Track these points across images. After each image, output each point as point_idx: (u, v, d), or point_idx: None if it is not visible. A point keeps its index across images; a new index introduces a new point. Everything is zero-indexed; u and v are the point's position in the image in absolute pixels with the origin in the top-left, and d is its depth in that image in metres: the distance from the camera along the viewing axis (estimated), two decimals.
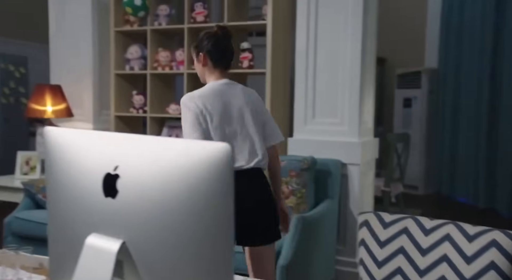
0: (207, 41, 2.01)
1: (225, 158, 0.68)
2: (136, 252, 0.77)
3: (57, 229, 0.90)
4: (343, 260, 2.99)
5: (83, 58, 3.80)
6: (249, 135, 1.98)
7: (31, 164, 3.61)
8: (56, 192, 0.89)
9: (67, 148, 0.88)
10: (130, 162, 0.78)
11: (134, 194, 0.77)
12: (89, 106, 3.80)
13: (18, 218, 3.00)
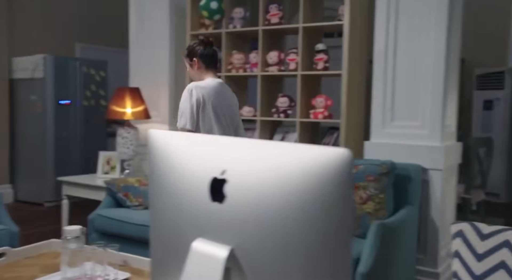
0: (198, 48, 2.52)
1: (346, 163, 0.64)
2: (244, 260, 0.75)
3: (160, 233, 0.90)
4: (424, 270, 2.85)
5: (160, 61, 3.92)
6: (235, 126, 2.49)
7: (111, 164, 3.77)
8: (160, 195, 0.90)
9: (171, 151, 0.88)
10: (239, 167, 0.77)
11: (243, 199, 0.75)
12: (165, 108, 3.91)
13: (100, 215, 3.14)
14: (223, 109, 2.39)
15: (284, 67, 3.48)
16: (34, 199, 5.30)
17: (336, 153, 0.65)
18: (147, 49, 3.98)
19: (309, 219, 0.67)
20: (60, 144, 5.35)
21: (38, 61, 5.21)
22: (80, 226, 2.17)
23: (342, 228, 0.65)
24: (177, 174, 0.85)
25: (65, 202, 3.72)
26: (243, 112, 3.64)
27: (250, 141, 0.77)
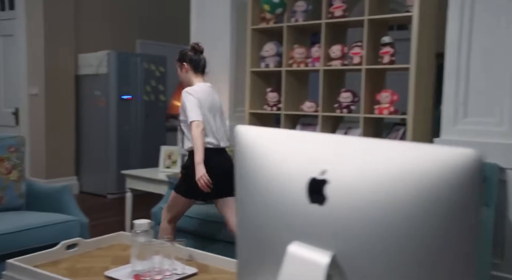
0: (189, 54, 2.89)
1: (474, 166, 0.57)
2: (348, 267, 0.70)
3: (250, 233, 0.87)
4: (501, 276, 2.68)
5: (220, 56, 3.92)
6: (224, 125, 2.91)
7: (172, 158, 3.82)
8: (249, 195, 0.86)
9: (263, 149, 0.84)
10: (342, 166, 0.71)
11: (346, 202, 0.70)
12: (225, 103, 3.91)
13: (163, 209, 3.18)
14: (213, 110, 2.81)
15: (347, 61, 3.38)
16: (98, 191, 5.50)
17: (462, 154, 0.58)
18: (207, 45, 3.98)
19: (424, 226, 0.61)
20: (122, 138, 5.52)
21: (102, 57, 5.38)
22: (149, 220, 2.20)
23: (465, 238, 0.59)
24: (270, 173, 0.81)
25: (128, 195, 3.81)
26: (304, 107, 3.57)
27: (354, 138, 0.72)
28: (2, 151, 2.99)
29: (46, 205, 3.05)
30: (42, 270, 1.97)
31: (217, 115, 2.84)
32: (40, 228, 2.67)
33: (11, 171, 3.01)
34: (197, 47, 2.93)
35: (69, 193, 3.03)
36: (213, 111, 2.80)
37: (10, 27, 5.45)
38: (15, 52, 5.43)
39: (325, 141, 0.75)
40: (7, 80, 5.59)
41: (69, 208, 2.97)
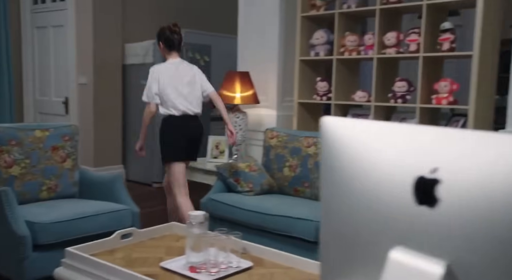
0: (163, 33, 3.28)
1: None
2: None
3: (338, 234, 0.80)
4: None
5: (269, 45, 3.84)
6: (195, 94, 3.30)
7: (220, 148, 3.80)
8: (339, 193, 0.79)
9: (356, 143, 0.77)
10: (457, 164, 0.63)
11: (463, 205, 0.61)
12: (273, 92, 3.84)
13: (212, 200, 3.17)
14: (177, 83, 3.21)
15: (403, 48, 3.23)
16: (143, 180, 5.57)
17: None
18: (256, 33, 3.92)
19: None
20: None
21: (148, 46, 5.41)
22: (204, 212, 2.17)
23: None
24: (365, 171, 0.74)
25: None
26: (355, 97, 3.45)
27: (467, 132, 0.63)
28: (57, 139, 3.04)
29: (98, 193, 3.08)
30: (99, 259, 1.98)
31: (184, 88, 3.25)
32: (94, 216, 2.70)
33: (66, 160, 3.06)
34: (172, 27, 3.30)
35: (120, 182, 3.05)
36: (176, 84, 3.21)
37: (61, 18, 5.56)
38: (65, 42, 5.54)
39: (433, 134, 0.67)
40: (57, 70, 5.72)
41: (120, 197, 2.99)
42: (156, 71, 3.22)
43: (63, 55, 5.59)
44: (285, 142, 3.34)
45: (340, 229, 0.80)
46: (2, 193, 2.48)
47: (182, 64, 3.31)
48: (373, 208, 0.73)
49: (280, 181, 3.31)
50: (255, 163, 3.36)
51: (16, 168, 2.82)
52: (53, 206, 2.74)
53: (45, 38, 5.79)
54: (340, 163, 0.80)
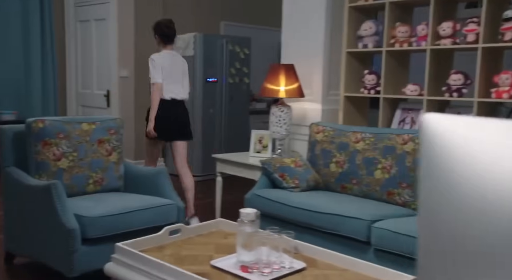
0: (158, 28, 3.76)
1: None
2: None
3: (442, 242, 0.71)
4: None
5: (314, 37, 3.73)
6: (184, 82, 3.78)
7: (263, 143, 3.72)
8: (443, 196, 0.70)
9: (465, 143, 0.67)
10: None
11: None
12: (318, 86, 3.73)
13: (257, 195, 3.10)
14: (173, 72, 3.70)
15: (459, 39, 3.05)
16: None
17: None
18: (301, 25, 3.81)
19: None
20: (207, 121, 5.52)
21: (189, 39, 5.38)
22: (255, 210, 2.10)
23: None
24: (479, 175, 0.64)
25: (218, 180, 3.78)
26: (406, 90, 3.30)
27: None
28: (103, 133, 3.03)
29: (143, 187, 3.07)
30: (149, 256, 1.94)
31: (178, 76, 3.72)
32: (141, 211, 2.68)
33: (111, 153, 3.06)
34: (167, 23, 3.76)
35: (165, 177, 3.03)
36: (172, 73, 3.69)
37: (103, 11, 5.60)
38: (107, 36, 5.58)
39: None
40: (99, 63, 5.77)
41: (165, 192, 2.97)
42: (158, 58, 3.68)
43: (105, 48, 5.63)
44: (332, 137, 3.23)
45: (445, 238, 0.71)
46: (52, 186, 2.48)
47: (176, 56, 3.80)
48: (489, 216, 0.63)
49: (326, 177, 3.21)
50: (301, 159, 3.27)
51: (64, 161, 2.83)
52: (100, 200, 2.74)
53: (88, 32, 5.85)
54: (447, 166, 0.70)
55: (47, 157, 2.78)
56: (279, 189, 3.15)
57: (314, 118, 3.71)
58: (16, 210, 2.79)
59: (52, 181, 2.52)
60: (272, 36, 6.86)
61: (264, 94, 3.63)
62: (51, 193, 2.48)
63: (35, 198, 2.61)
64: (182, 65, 3.79)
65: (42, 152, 2.77)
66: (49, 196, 2.48)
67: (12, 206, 2.83)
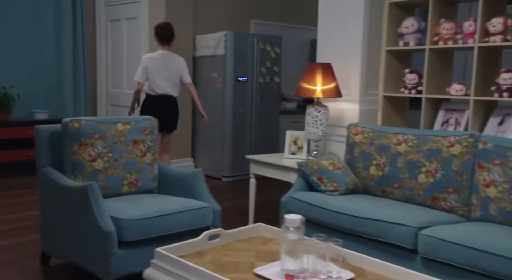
0: (156, 29, 4.17)
1: None
2: None
3: None
4: None
5: (352, 35, 3.61)
6: (175, 81, 4.19)
7: (298, 144, 3.62)
8: None
9: None
10: None
11: None
12: (356, 85, 3.61)
13: (295, 198, 3.00)
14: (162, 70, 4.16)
15: (510, 36, 2.89)
16: (212, 173, 5.52)
17: None
18: (338, 22, 3.69)
19: None
20: (237, 121, 5.45)
21: (220, 38, 5.31)
22: (301, 216, 2.00)
23: None
24: None
25: (252, 181, 3.69)
26: (451, 90, 3.15)
27: None
28: (138, 133, 2.98)
29: (177, 189, 3.01)
30: (190, 263, 1.87)
31: (170, 74, 4.18)
32: (177, 214, 2.62)
33: (146, 154, 3.01)
34: (164, 26, 4.20)
35: (201, 179, 2.96)
36: (163, 71, 4.14)
37: (134, 10, 5.59)
38: (138, 35, 5.56)
39: None
40: (129, 62, 5.77)
41: (201, 194, 2.90)
42: (145, 59, 4.17)
43: (136, 47, 5.62)
44: (372, 138, 3.11)
45: None
46: (88, 188, 2.44)
47: (170, 55, 4.22)
48: None
49: (366, 181, 3.09)
50: (339, 161, 3.16)
51: (99, 162, 2.79)
52: (135, 202, 2.69)
53: (118, 31, 5.85)
54: None
55: (83, 158, 2.74)
56: (317, 192, 3.05)
57: (351, 118, 3.59)
58: (52, 210, 2.77)
59: (89, 182, 2.47)
60: (303, 35, 6.75)
61: (300, 94, 3.52)
62: (87, 195, 2.43)
63: (71, 199, 2.57)
64: (176, 65, 4.21)
65: (78, 153, 2.73)
66: (85, 198, 2.44)
67: (48, 206, 2.81)
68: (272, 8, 6.39)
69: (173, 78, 4.22)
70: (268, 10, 6.35)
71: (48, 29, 5.66)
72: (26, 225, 3.70)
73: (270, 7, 6.37)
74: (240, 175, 5.51)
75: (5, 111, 5.21)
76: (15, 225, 3.69)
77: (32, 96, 5.63)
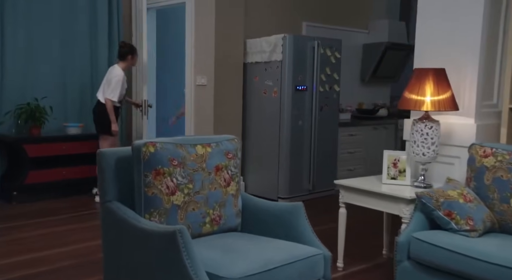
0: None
1: None
2: None
3: None
4: None
5: (465, 34, 2.98)
6: (105, 87, 4.57)
7: (399, 167, 3.00)
8: None
9: None
10: None
11: None
12: (471, 95, 2.98)
13: (418, 239, 2.37)
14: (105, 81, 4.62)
15: None
16: (266, 194, 4.88)
17: None
18: (446, 19, 3.08)
19: None
20: (295, 135, 4.83)
21: (277, 41, 4.71)
22: None
23: None
24: None
25: (342, 212, 3.07)
26: None
27: None
28: (221, 157, 2.38)
29: (268, 227, 2.40)
30: None
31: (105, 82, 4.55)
32: (286, 266, 2.01)
33: (230, 183, 2.40)
34: (120, 44, 4.74)
35: (303, 215, 2.34)
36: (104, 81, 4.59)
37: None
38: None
39: None
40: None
41: (303, 235, 2.29)
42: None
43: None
44: (509, 162, 2.48)
45: None
46: (177, 234, 1.84)
47: (112, 68, 4.62)
48: None
49: (504, 216, 2.46)
50: (468, 191, 2.53)
51: (179, 195, 2.19)
52: (228, 249, 2.08)
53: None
54: None
55: (160, 191, 2.14)
56: (444, 231, 2.42)
57: (464, 136, 2.96)
58: (122, 257, 2.17)
59: (177, 226, 1.86)
60: (354, 38, 6.14)
61: (404, 106, 2.90)
62: (176, 243, 1.83)
63: (152, 247, 1.97)
64: (108, 74, 4.58)
65: (153, 184, 2.13)
66: (173, 247, 1.84)
67: (115, 252, 2.21)
68: (323, 10, 5.80)
69: (103, 86, 4.59)
70: (320, 11, 5.76)
71: (83, 38, 5.12)
72: (72, 264, 3.10)
73: (322, 8, 5.78)
74: (298, 196, 4.89)
75: (37, 125, 4.64)
76: (57, 264, 3.09)
77: (64, 109, 5.07)
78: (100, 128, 4.57)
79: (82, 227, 3.89)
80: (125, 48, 4.57)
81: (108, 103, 4.46)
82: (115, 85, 4.44)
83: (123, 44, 4.64)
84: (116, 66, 4.55)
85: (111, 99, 4.45)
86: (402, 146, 6.06)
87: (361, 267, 3.13)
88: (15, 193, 4.51)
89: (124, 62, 4.57)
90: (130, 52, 4.56)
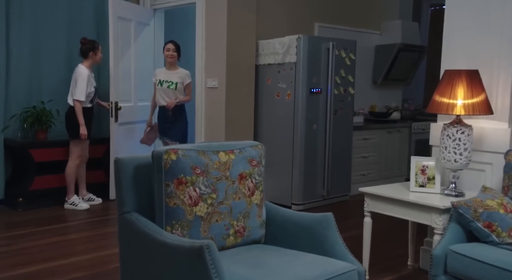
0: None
1: None
2: None
3: None
4: None
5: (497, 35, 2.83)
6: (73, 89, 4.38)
7: (428, 174, 2.84)
8: None
9: None
10: None
11: None
12: (505, 98, 2.83)
13: (456, 253, 2.22)
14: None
15: None
16: (280, 200, 4.71)
17: None
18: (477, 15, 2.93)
19: None
20: (309, 140, 4.68)
21: (291, 42, 4.57)
22: None
23: None
24: None
25: (367, 221, 2.91)
26: None
27: None
28: (244, 165, 2.23)
29: (294, 239, 2.25)
30: None
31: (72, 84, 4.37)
32: None
33: (254, 192, 2.25)
34: (81, 40, 4.49)
35: (333, 227, 2.18)
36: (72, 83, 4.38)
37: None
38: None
39: None
40: None
41: (334, 249, 2.13)
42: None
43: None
44: None
45: None
46: (204, 249, 1.68)
47: (77, 67, 4.43)
48: None
49: None
50: (508, 200, 2.38)
51: (202, 206, 2.04)
52: (256, 264, 1.93)
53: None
54: None
55: (182, 202, 1.99)
56: (484, 244, 2.26)
57: (497, 141, 2.81)
58: (141, 270, 2.01)
59: (204, 241, 1.71)
60: (366, 40, 6.00)
61: (434, 110, 2.75)
62: (204, 260, 1.68)
63: (175, 262, 1.81)
64: (73, 75, 4.40)
65: (175, 195, 1.98)
66: (200, 264, 1.68)
67: (134, 264, 2.06)
68: (335, 10, 5.65)
69: (72, 88, 4.40)
70: (332, 12, 5.62)
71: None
72: (85, 275, 2.95)
73: (334, 9, 5.64)
74: (313, 202, 4.74)
75: (43, 129, 4.49)
76: (70, 275, 2.93)
77: None
78: (70, 132, 4.36)
79: (92, 235, 3.73)
80: (86, 45, 4.40)
81: (76, 105, 4.27)
82: (80, 85, 4.27)
83: (84, 41, 4.43)
84: (80, 65, 4.38)
85: (78, 99, 4.27)
86: (416, 151, 5.89)
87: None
88: (20, 199, 4.36)
89: (87, 60, 4.40)
90: (92, 48, 4.39)
